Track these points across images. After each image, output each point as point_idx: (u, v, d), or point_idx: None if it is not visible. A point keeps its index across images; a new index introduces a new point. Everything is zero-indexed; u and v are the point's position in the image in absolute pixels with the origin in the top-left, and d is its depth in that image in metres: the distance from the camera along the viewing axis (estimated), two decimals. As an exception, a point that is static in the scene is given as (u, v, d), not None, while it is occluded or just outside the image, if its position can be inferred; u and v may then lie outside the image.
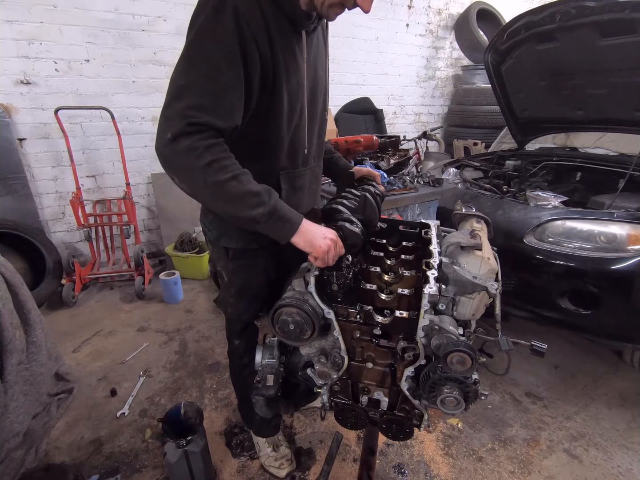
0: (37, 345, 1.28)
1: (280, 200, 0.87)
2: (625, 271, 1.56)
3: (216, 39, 0.77)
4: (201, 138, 0.77)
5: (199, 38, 0.78)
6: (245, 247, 1.13)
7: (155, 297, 2.83)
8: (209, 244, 1.24)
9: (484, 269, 0.89)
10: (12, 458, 1.17)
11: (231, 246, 1.13)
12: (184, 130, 0.76)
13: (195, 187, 0.82)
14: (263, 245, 1.12)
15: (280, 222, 0.86)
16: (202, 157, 0.77)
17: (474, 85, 4.41)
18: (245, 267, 1.17)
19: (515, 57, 2.39)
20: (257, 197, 0.82)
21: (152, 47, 2.89)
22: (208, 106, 0.78)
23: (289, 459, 1.50)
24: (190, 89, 0.77)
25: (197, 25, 0.78)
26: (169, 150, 0.78)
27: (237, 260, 1.16)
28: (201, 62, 0.77)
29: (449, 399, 0.87)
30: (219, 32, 0.77)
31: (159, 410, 1.78)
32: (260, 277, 1.21)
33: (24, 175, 2.65)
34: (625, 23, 1.79)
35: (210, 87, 0.78)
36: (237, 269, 1.18)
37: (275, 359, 1.07)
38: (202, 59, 0.78)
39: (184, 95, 0.77)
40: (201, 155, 0.77)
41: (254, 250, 1.14)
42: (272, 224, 0.85)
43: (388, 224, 1.20)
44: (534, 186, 2.37)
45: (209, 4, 0.77)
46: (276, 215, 0.84)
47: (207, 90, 0.78)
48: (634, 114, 2.14)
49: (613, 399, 1.88)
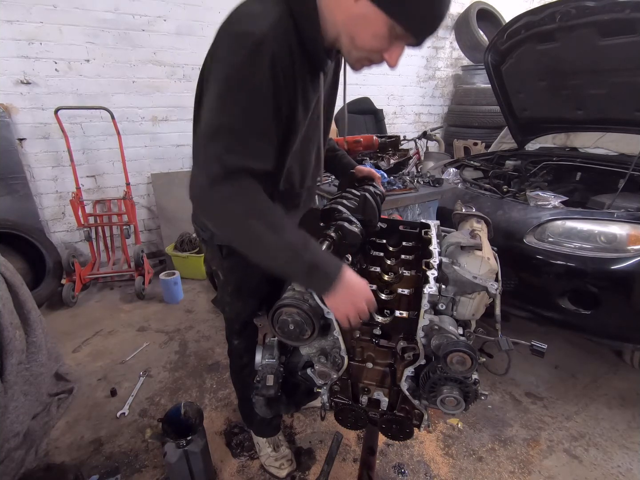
0: (37, 345, 1.28)
1: (318, 252, 0.81)
2: (625, 271, 1.56)
3: (253, 84, 0.74)
4: (239, 184, 0.75)
5: (234, 80, 0.74)
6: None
7: (155, 297, 2.83)
8: (203, 244, 1.23)
9: (484, 269, 0.89)
10: (12, 458, 1.17)
11: (225, 244, 1.13)
12: (220, 176, 0.73)
13: (230, 233, 0.81)
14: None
15: (316, 277, 0.80)
16: (239, 204, 0.75)
17: (474, 85, 4.41)
18: (241, 264, 1.14)
19: (515, 57, 2.39)
20: (293, 250, 0.77)
21: (152, 47, 2.89)
22: (243, 150, 0.76)
23: (290, 459, 1.50)
24: (225, 131, 0.75)
25: (231, 65, 0.74)
26: (206, 197, 0.76)
27: (231, 257, 1.15)
28: (236, 105, 0.75)
29: (449, 399, 0.87)
30: (255, 76, 0.74)
31: (159, 410, 1.78)
32: (256, 274, 1.19)
33: (24, 175, 2.66)
34: (625, 23, 1.79)
35: (245, 130, 0.76)
36: (232, 267, 1.17)
37: (275, 359, 1.07)
38: (236, 101, 0.75)
39: (219, 138, 0.75)
40: (238, 204, 0.75)
41: None
42: (307, 279, 0.81)
43: (388, 224, 1.20)
44: (534, 186, 2.37)
45: (244, 44, 0.73)
46: (311, 270, 0.79)
47: (242, 134, 0.76)
48: (634, 114, 2.14)
49: (613, 399, 1.88)
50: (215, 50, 0.80)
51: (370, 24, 0.76)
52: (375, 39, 0.78)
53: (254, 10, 0.77)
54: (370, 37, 0.78)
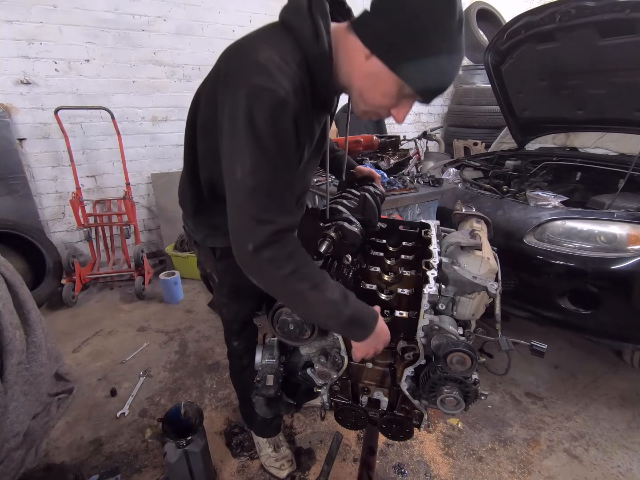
0: (37, 345, 1.28)
1: (356, 306, 0.85)
2: (625, 271, 1.56)
3: (279, 143, 0.76)
4: (281, 246, 0.78)
5: (263, 142, 0.74)
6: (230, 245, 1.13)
7: (155, 297, 2.83)
8: (195, 247, 1.21)
9: (484, 269, 0.89)
10: (12, 458, 1.17)
11: (217, 246, 1.12)
12: (265, 240, 0.76)
13: (275, 292, 0.84)
14: None
15: (354, 328, 0.86)
16: (284, 267, 0.78)
17: (474, 85, 4.41)
18: (234, 265, 1.16)
19: (515, 57, 2.39)
20: (335, 307, 0.82)
21: (152, 47, 2.89)
22: (280, 207, 0.79)
23: (290, 459, 1.50)
24: (261, 191, 0.76)
25: (259, 128, 0.73)
26: (253, 262, 0.79)
27: (224, 259, 1.14)
28: (266, 163, 0.75)
29: (448, 399, 0.87)
30: (283, 136, 0.76)
31: (159, 410, 1.78)
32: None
33: (24, 175, 2.65)
34: (625, 23, 1.79)
35: (279, 187, 0.79)
36: (226, 268, 1.16)
37: (275, 359, 1.07)
38: (266, 159, 0.75)
39: (256, 198, 0.76)
40: (283, 266, 0.78)
41: None
42: (346, 330, 0.88)
43: (388, 224, 1.20)
44: (534, 186, 2.37)
45: (269, 104, 0.73)
46: (350, 323, 0.84)
47: (276, 191, 0.78)
48: (634, 114, 2.14)
49: (613, 399, 1.88)
50: (233, 97, 0.76)
51: (381, 83, 0.78)
52: (384, 97, 0.80)
53: (272, 59, 0.75)
54: (379, 95, 0.80)
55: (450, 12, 0.70)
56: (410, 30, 0.70)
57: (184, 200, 1.14)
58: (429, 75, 0.75)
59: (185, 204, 1.14)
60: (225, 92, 0.78)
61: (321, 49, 0.77)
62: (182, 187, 1.14)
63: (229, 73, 0.79)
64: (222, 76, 0.81)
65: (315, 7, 0.77)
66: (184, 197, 1.13)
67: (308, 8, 0.77)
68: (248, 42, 0.81)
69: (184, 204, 1.16)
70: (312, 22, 0.77)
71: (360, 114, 0.88)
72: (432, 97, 0.80)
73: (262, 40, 0.79)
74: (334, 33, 0.80)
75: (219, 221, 1.08)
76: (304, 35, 0.77)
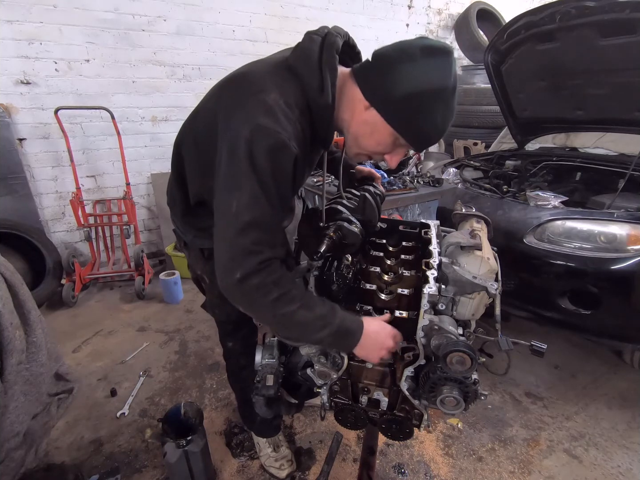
0: (37, 345, 1.27)
1: (343, 315, 0.87)
2: (625, 271, 1.56)
3: (277, 182, 0.79)
4: (269, 273, 0.79)
5: (261, 175, 0.77)
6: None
7: (155, 297, 2.83)
8: (185, 249, 1.21)
9: (484, 269, 0.89)
10: (12, 458, 1.17)
11: (206, 246, 1.12)
12: (253, 269, 0.77)
13: (263, 319, 0.86)
14: None
15: (343, 338, 0.87)
16: (271, 292, 0.79)
17: (474, 85, 4.40)
18: None
19: (515, 57, 2.39)
20: (323, 320, 0.83)
21: (152, 47, 2.89)
22: (271, 240, 0.81)
23: (290, 459, 1.50)
24: (255, 225, 0.78)
25: (261, 169, 0.76)
26: (239, 290, 0.79)
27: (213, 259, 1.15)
28: (264, 199, 0.77)
29: (448, 399, 0.87)
30: (283, 177, 0.80)
31: (159, 410, 1.78)
32: None
33: (24, 175, 2.65)
34: (625, 23, 1.79)
35: (272, 222, 0.81)
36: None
37: (275, 358, 1.07)
38: (264, 196, 0.77)
39: (250, 232, 0.77)
40: (271, 292, 0.79)
41: None
42: (336, 341, 0.88)
43: (388, 224, 1.20)
44: (534, 186, 2.37)
45: (272, 147, 0.76)
46: (339, 332, 0.85)
47: (269, 226, 0.81)
48: (634, 114, 2.13)
49: (613, 399, 1.88)
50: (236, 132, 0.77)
51: (377, 133, 0.84)
52: (378, 145, 0.87)
53: (278, 102, 0.78)
54: (374, 142, 0.86)
55: (446, 77, 0.76)
56: (408, 93, 0.76)
57: (173, 202, 1.14)
58: (423, 131, 0.82)
59: (174, 206, 1.14)
60: (228, 123, 0.80)
61: (325, 101, 0.81)
62: (170, 190, 1.14)
63: (234, 106, 0.80)
64: (226, 107, 0.82)
65: (325, 60, 0.81)
66: (173, 200, 1.14)
67: (318, 60, 0.81)
68: (257, 79, 0.82)
69: (172, 205, 1.16)
70: (320, 76, 0.81)
71: (353, 156, 0.94)
72: (424, 148, 0.89)
73: (271, 80, 0.81)
74: (339, 80, 0.84)
75: (206, 224, 1.09)
76: (311, 86, 0.81)
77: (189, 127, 0.98)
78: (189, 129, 0.98)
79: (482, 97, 4.20)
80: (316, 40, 0.83)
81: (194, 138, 0.94)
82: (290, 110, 0.79)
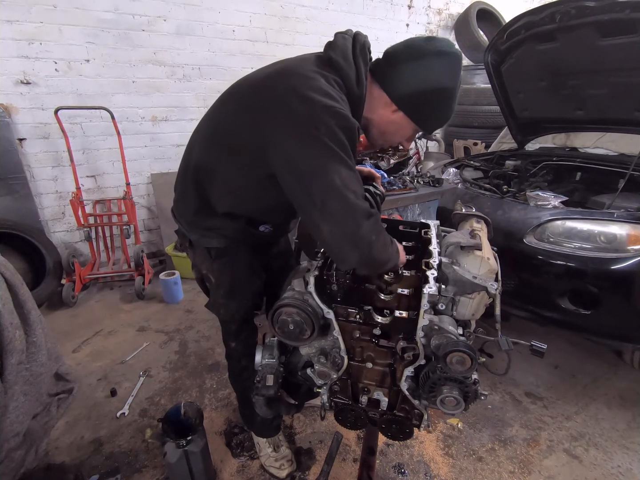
0: (37, 345, 1.27)
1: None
2: (625, 271, 1.56)
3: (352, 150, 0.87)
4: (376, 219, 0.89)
5: (345, 147, 0.84)
6: (226, 245, 1.13)
7: (155, 297, 2.83)
8: (189, 249, 1.21)
9: (484, 269, 0.89)
10: (12, 458, 1.17)
11: (213, 246, 1.13)
12: (367, 212, 0.86)
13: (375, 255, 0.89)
14: (242, 241, 1.15)
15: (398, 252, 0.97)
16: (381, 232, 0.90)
17: (474, 85, 4.40)
18: (231, 263, 1.17)
19: (515, 57, 2.39)
20: (393, 242, 0.95)
21: (152, 47, 2.89)
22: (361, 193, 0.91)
23: (290, 459, 1.50)
24: (358, 183, 0.87)
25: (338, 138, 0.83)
26: (369, 227, 0.85)
27: (221, 258, 1.15)
28: (351, 165, 0.86)
29: (448, 399, 0.87)
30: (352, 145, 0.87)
31: (159, 410, 1.78)
32: (246, 272, 1.20)
33: (24, 175, 2.65)
34: (625, 23, 1.79)
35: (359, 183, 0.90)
36: (222, 268, 1.17)
37: (275, 358, 1.07)
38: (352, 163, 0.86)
39: (357, 190, 0.86)
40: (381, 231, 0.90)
41: (236, 246, 1.15)
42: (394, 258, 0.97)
43: (388, 224, 1.20)
44: (534, 186, 2.37)
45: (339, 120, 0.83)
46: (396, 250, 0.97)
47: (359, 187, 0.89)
48: (634, 114, 2.13)
49: (613, 399, 1.88)
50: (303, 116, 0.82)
51: (402, 130, 1.04)
52: (402, 138, 1.08)
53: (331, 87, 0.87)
54: (399, 137, 1.08)
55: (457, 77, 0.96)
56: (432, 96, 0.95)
57: (185, 206, 1.15)
58: (438, 122, 1.05)
59: (185, 208, 1.15)
60: (289, 113, 0.84)
61: (360, 92, 0.94)
62: (183, 192, 1.14)
63: (287, 93, 0.85)
64: (276, 96, 0.86)
65: (358, 54, 0.94)
66: (185, 204, 1.14)
67: (353, 55, 0.93)
68: (303, 69, 0.89)
69: (182, 207, 1.17)
70: (356, 69, 0.93)
71: (377, 146, 1.12)
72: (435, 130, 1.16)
73: (314, 71, 0.89)
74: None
75: (216, 224, 1.09)
76: (350, 79, 0.92)
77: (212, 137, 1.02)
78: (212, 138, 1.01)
79: (482, 97, 4.20)
80: (348, 38, 0.95)
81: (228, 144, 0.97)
82: (340, 94, 0.88)
